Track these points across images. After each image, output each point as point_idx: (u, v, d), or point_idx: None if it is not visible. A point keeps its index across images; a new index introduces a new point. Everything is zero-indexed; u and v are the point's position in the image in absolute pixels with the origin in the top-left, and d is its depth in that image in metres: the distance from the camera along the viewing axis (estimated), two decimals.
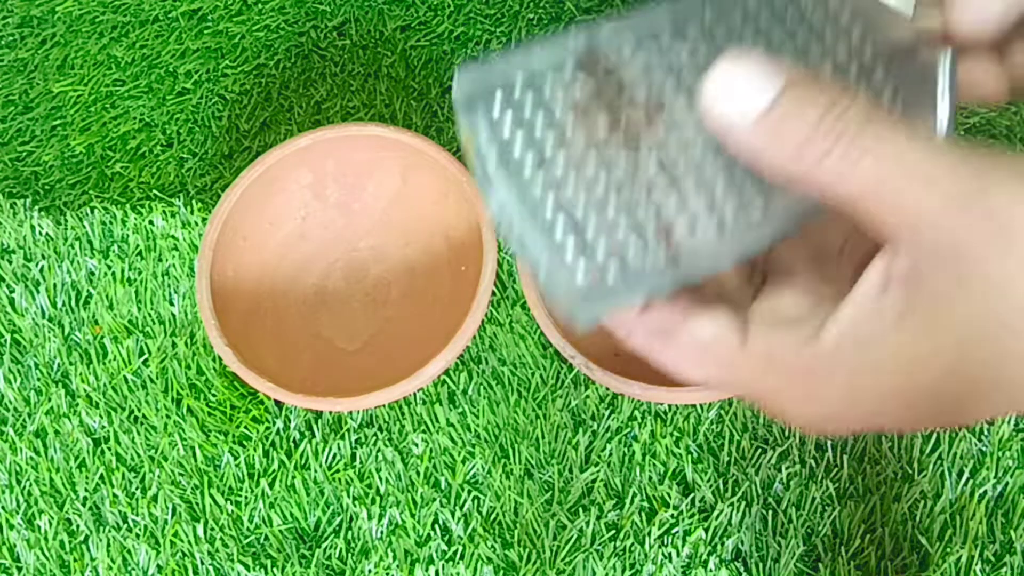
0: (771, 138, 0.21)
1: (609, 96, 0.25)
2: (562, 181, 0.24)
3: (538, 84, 0.25)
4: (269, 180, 0.55)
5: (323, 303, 0.58)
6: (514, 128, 0.25)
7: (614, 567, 0.49)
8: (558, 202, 0.24)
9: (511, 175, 0.24)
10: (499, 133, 0.24)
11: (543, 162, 0.24)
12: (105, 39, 0.70)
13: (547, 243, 0.24)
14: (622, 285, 0.24)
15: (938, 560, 0.47)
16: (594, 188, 0.24)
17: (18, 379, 0.57)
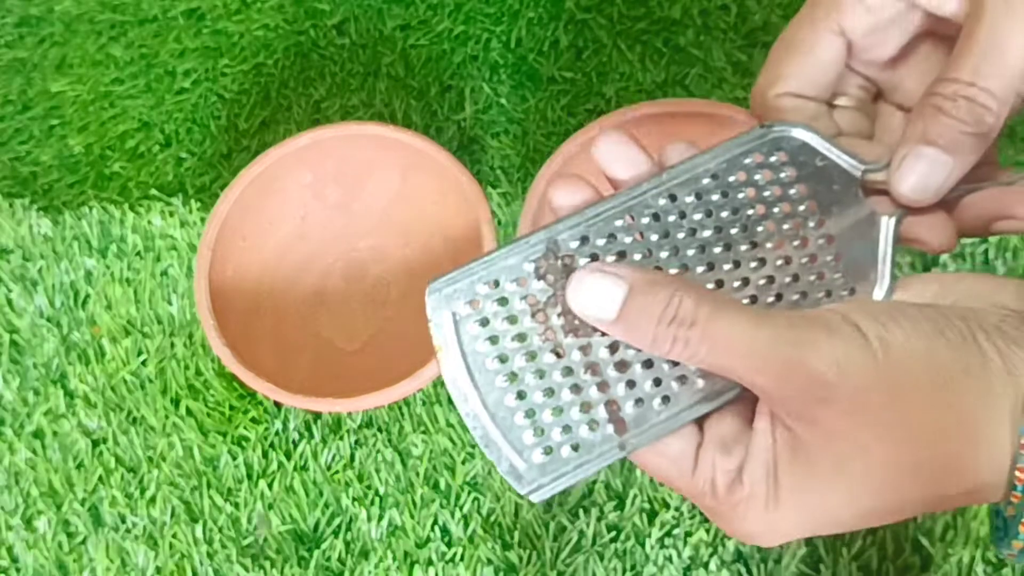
0: (630, 332, 0.27)
1: (565, 290, 0.28)
2: (521, 377, 0.28)
3: (499, 292, 0.29)
4: (268, 180, 0.55)
5: (322, 303, 0.57)
6: (478, 335, 0.29)
7: (615, 568, 0.49)
8: (517, 393, 0.28)
9: (476, 375, 0.29)
10: (465, 340, 0.29)
11: (504, 360, 0.28)
12: (103, 38, 0.70)
13: (507, 431, 0.28)
14: (574, 461, 0.28)
15: (940, 561, 0.47)
16: (548, 377, 0.28)
17: (16, 379, 0.57)
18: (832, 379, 0.24)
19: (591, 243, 0.29)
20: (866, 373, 0.24)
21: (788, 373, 0.25)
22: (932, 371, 0.25)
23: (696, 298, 0.26)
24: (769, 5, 0.64)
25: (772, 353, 0.25)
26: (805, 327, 0.25)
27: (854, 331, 0.25)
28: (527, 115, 0.63)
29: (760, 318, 0.25)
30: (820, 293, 0.30)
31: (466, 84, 0.65)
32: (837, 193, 0.30)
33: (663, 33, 0.64)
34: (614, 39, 0.65)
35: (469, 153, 0.62)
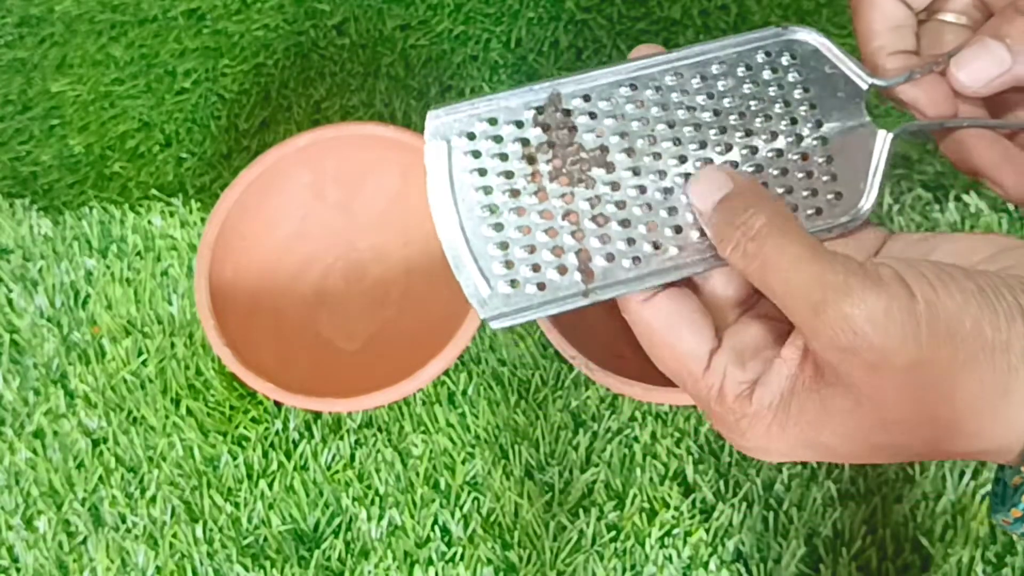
0: (713, 224, 0.29)
1: (560, 141, 0.30)
2: (501, 211, 0.30)
3: (496, 130, 0.30)
4: (268, 180, 0.55)
5: (323, 303, 0.58)
6: (467, 166, 0.30)
7: (615, 568, 0.49)
8: (495, 225, 0.29)
9: (459, 202, 0.30)
10: (455, 168, 0.30)
11: (487, 192, 0.30)
12: (103, 38, 0.70)
13: (479, 258, 0.29)
14: (538, 299, 0.29)
15: (939, 561, 0.47)
16: (527, 216, 0.30)
17: (16, 379, 0.57)
18: (865, 330, 0.24)
19: (592, 102, 0.30)
20: (905, 333, 0.24)
21: (821, 315, 0.25)
22: (973, 344, 0.24)
23: (769, 216, 0.27)
24: (769, 5, 0.64)
25: (812, 291, 0.25)
26: (855, 275, 0.25)
27: (904, 290, 0.25)
28: None
29: (816, 253, 0.26)
30: (805, 191, 0.30)
31: (466, 84, 0.65)
32: (840, 101, 0.31)
33: (663, 33, 0.64)
34: (614, 39, 0.65)
35: None
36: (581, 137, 0.30)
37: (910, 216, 0.55)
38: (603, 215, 0.30)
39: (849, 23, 0.63)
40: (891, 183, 0.56)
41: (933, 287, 0.25)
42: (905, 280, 0.25)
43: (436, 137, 0.30)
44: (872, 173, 0.30)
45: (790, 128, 0.31)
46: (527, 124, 0.30)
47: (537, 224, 0.30)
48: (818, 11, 0.63)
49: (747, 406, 0.27)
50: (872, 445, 0.26)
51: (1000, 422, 0.25)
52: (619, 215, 0.30)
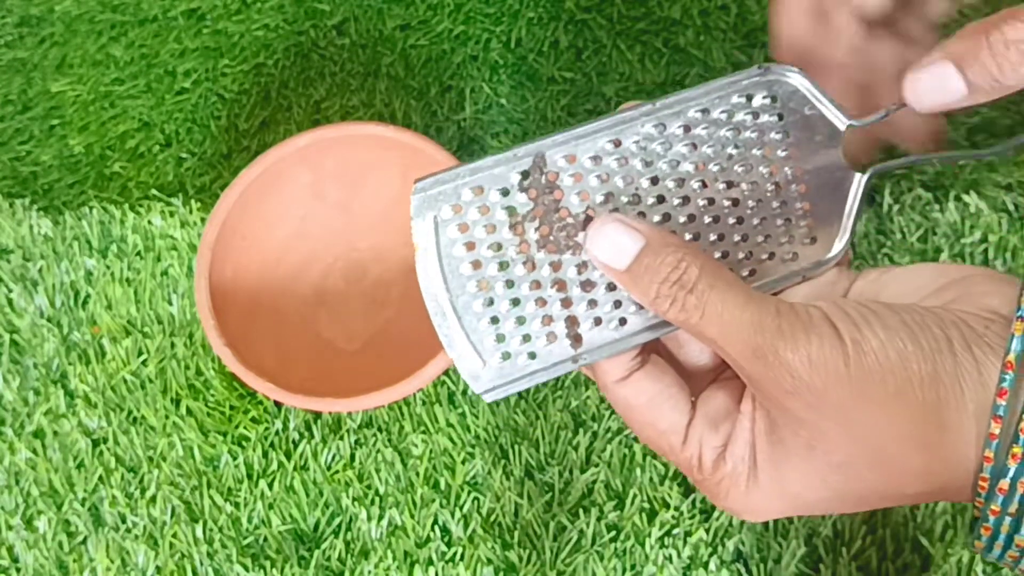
0: (635, 285, 0.28)
1: (547, 206, 0.30)
2: (491, 285, 0.30)
3: (482, 199, 0.30)
4: (268, 180, 0.55)
5: (323, 303, 0.58)
6: (456, 239, 0.30)
7: (615, 568, 0.49)
8: (486, 300, 0.30)
9: (449, 278, 0.30)
10: (443, 243, 0.30)
11: (477, 267, 0.30)
12: (104, 38, 0.70)
13: (471, 333, 0.30)
14: (530, 368, 0.30)
15: (939, 561, 0.47)
16: (517, 288, 0.30)
17: (16, 379, 0.57)
18: (800, 373, 0.25)
19: (577, 162, 0.30)
20: (835, 372, 0.25)
21: (761, 359, 0.26)
22: (899, 377, 0.25)
23: (700, 267, 0.27)
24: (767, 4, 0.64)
25: (751, 337, 0.26)
26: (788, 318, 0.26)
27: (831, 331, 0.26)
28: (527, 115, 0.63)
29: (750, 300, 0.26)
30: (783, 239, 0.31)
31: (466, 84, 0.65)
32: (818, 144, 0.31)
33: (663, 33, 0.64)
34: (614, 39, 0.65)
35: (469, 153, 0.62)
36: (568, 200, 0.30)
37: (910, 216, 0.55)
38: (590, 281, 0.30)
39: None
40: (891, 183, 0.56)
41: (857, 326, 0.26)
42: (832, 321, 0.26)
43: (422, 213, 0.30)
44: (847, 215, 0.31)
45: (770, 176, 0.31)
46: (513, 190, 0.30)
47: (527, 295, 0.30)
48: None
49: (723, 467, 0.28)
50: (834, 491, 0.27)
51: (943, 458, 0.26)
52: (605, 279, 0.30)
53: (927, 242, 0.54)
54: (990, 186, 0.56)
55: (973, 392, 0.25)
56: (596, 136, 0.30)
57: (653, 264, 0.28)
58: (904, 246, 0.54)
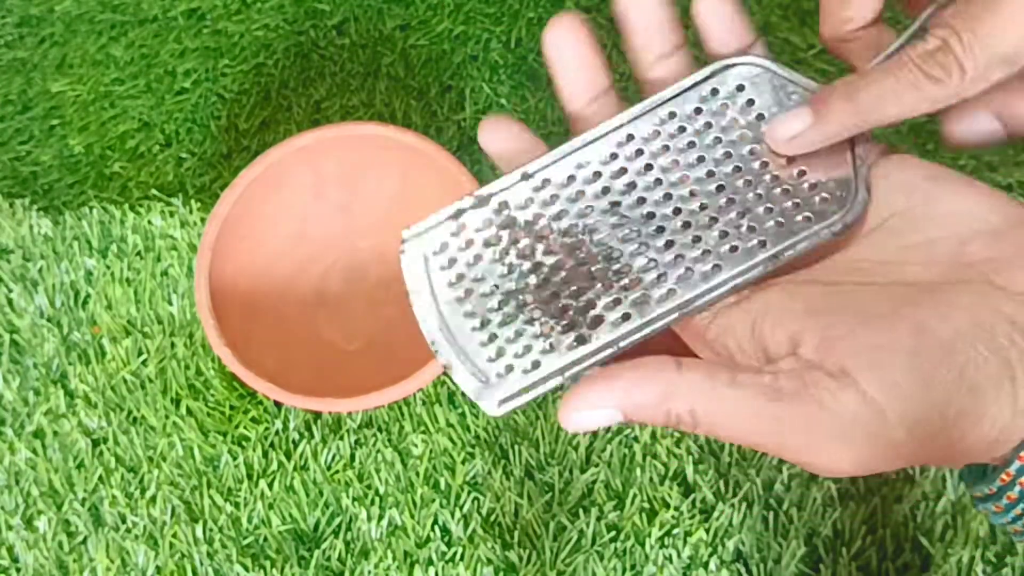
0: (643, 420, 0.28)
1: (518, 235, 0.32)
2: (483, 306, 0.31)
3: (465, 236, 0.32)
4: (268, 180, 0.55)
5: (323, 303, 0.58)
6: (446, 277, 0.32)
7: (615, 568, 0.49)
8: (479, 321, 0.31)
9: (443, 311, 0.32)
10: (434, 281, 0.32)
11: (469, 294, 0.31)
12: (104, 38, 0.70)
13: (472, 356, 0.31)
14: (531, 378, 0.30)
15: (939, 561, 0.47)
16: (510, 306, 0.31)
17: (16, 379, 0.57)
18: None
19: (553, 184, 0.32)
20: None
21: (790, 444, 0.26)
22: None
23: (690, 404, 0.27)
24: (769, 5, 0.64)
25: (774, 428, 0.26)
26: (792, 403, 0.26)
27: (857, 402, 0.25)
28: (527, 115, 0.63)
29: (744, 392, 0.26)
30: (788, 204, 0.30)
31: (466, 84, 0.65)
32: None
33: None
34: (614, 39, 0.64)
35: (469, 153, 0.62)
36: (554, 223, 0.32)
37: None
38: (582, 287, 0.31)
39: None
40: None
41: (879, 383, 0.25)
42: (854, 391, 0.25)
43: (412, 259, 0.33)
44: (853, 173, 0.30)
45: (755, 155, 0.31)
46: (492, 224, 0.32)
47: (520, 310, 0.31)
48: (818, 11, 0.63)
49: None
50: None
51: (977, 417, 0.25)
52: (598, 282, 0.31)
53: None
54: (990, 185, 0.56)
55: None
56: (567, 158, 0.32)
57: (645, 419, 0.28)
58: None
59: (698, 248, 0.30)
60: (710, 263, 0.30)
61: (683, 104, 0.32)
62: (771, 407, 0.25)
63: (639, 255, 0.30)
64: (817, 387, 0.25)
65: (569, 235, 0.31)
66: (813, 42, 0.61)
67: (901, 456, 0.25)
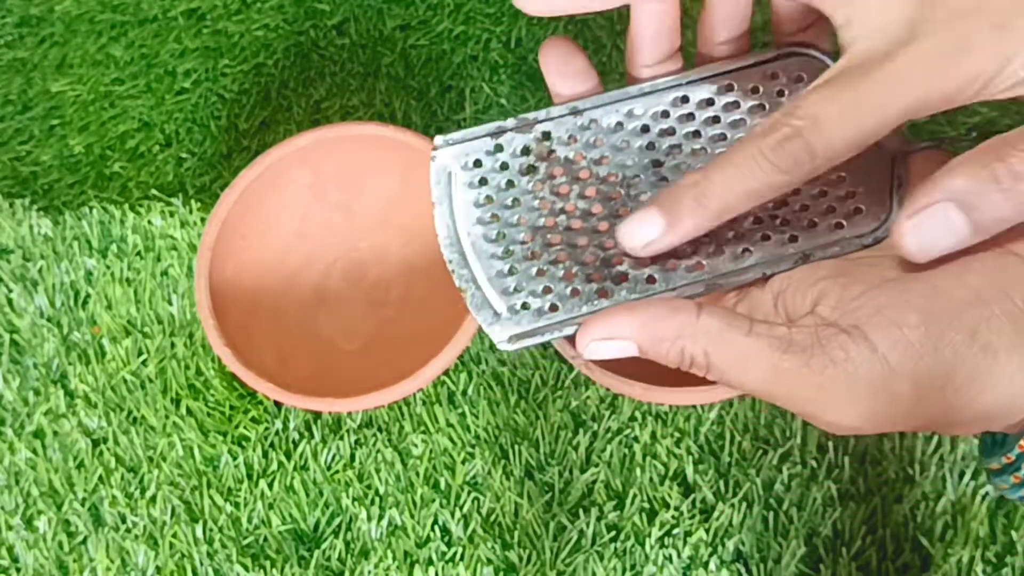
0: (656, 356, 0.28)
1: (563, 166, 0.30)
2: (507, 232, 0.30)
3: (499, 157, 0.30)
4: (268, 180, 0.55)
5: (323, 303, 0.58)
6: (471, 194, 0.30)
7: (615, 568, 0.49)
8: (502, 250, 0.30)
9: (463, 230, 0.30)
10: (457, 196, 0.30)
11: (494, 218, 0.30)
12: (103, 38, 0.70)
13: (486, 283, 0.30)
14: (551, 320, 0.29)
15: (939, 561, 0.47)
16: (537, 242, 0.30)
17: (16, 379, 0.57)
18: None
19: (599, 126, 0.30)
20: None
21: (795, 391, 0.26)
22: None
23: (704, 347, 0.27)
24: (769, 5, 0.64)
25: (779, 388, 0.26)
26: (808, 352, 0.26)
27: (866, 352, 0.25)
28: None
29: (758, 342, 0.26)
30: (823, 207, 0.30)
31: (466, 84, 0.65)
32: None
33: None
34: (614, 39, 0.65)
35: None
36: (594, 167, 0.31)
37: None
38: (610, 237, 0.30)
39: None
40: None
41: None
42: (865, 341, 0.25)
43: (439, 170, 0.30)
44: (891, 190, 0.30)
45: None
46: (531, 151, 0.31)
47: (547, 249, 0.30)
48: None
49: None
50: None
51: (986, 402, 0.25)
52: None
53: None
54: None
55: None
56: (620, 104, 0.31)
57: (658, 356, 0.28)
58: None
59: (731, 230, 0.30)
60: (741, 246, 0.30)
61: (743, 80, 0.31)
62: (783, 358, 0.26)
63: None
64: (830, 342, 0.25)
65: (607, 183, 0.30)
66: None
67: (910, 415, 0.25)
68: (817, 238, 0.30)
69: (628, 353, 0.28)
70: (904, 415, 0.25)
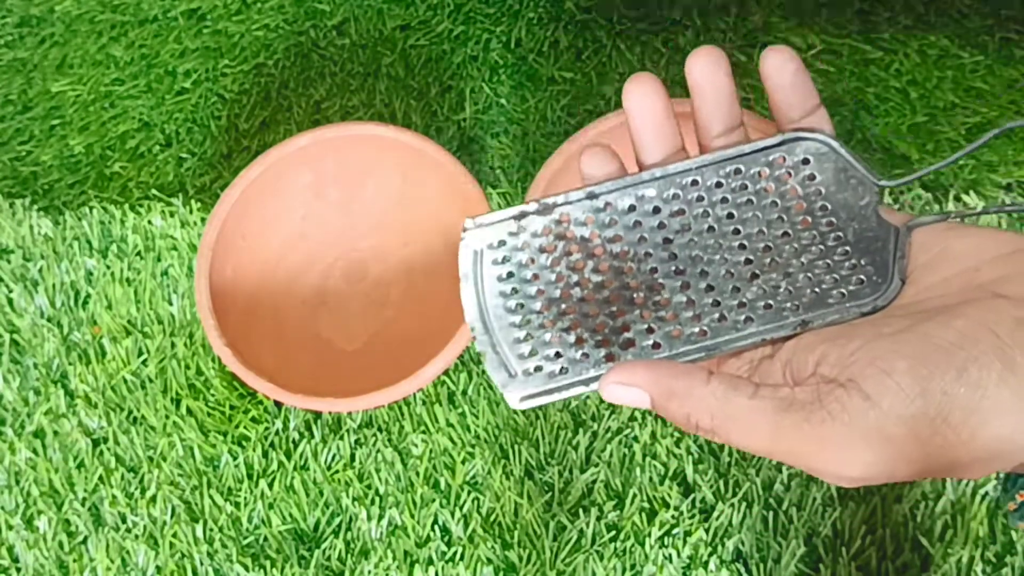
0: (666, 413, 0.29)
1: (572, 248, 0.33)
2: (526, 302, 0.33)
3: (523, 238, 0.33)
4: (268, 180, 0.55)
5: (323, 303, 0.58)
6: (495, 270, 0.33)
7: (614, 568, 0.49)
8: (520, 319, 0.32)
9: (488, 302, 0.33)
10: (484, 271, 0.33)
11: (513, 291, 0.33)
12: (104, 39, 0.70)
13: (502, 347, 0.32)
14: (560, 382, 0.31)
15: (939, 560, 0.47)
16: (548, 309, 0.32)
17: (17, 379, 0.57)
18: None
19: (613, 209, 0.33)
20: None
21: (778, 450, 0.27)
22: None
23: (711, 413, 0.28)
24: (768, 5, 0.64)
25: (783, 446, 0.27)
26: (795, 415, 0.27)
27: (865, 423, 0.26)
28: (527, 115, 0.63)
29: (762, 404, 0.27)
30: (830, 278, 0.32)
31: (466, 84, 0.65)
32: (853, 199, 0.33)
33: (663, 33, 0.64)
34: (614, 39, 0.65)
35: (469, 153, 0.62)
36: (608, 244, 0.33)
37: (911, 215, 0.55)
38: (621, 308, 0.32)
39: (849, 23, 0.63)
40: None
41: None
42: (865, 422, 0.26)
43: (468, 247, 0.33)
44: (892, 262, 0.32)
45: (807, 226, 0.32)
46: (552, 232, 0.33)
47: (560, 317, 0.32)
48: (818, 11, 0.63)
49: None
50: None
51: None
52: (636, 306, 0.32)
53: None
54: (989, 186, 0.56)
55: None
56: (634, 188, 0.33)
57: (668, 414, 0.29)
58: None
59: (736, 298, 0.32)
60: (744, 314, 0.32)
61: (750, 164, 0.34)
62: (785, 417, 0.27)
63: (680, 292, 0.32)
64: (829, 397, 0.27)
65: (619, 259, 0.33)
66: (813, 42, 0.61)
67: (912, 459, 0.26)
68: (818, 307, 0.32)
69: (641, 404, 0.30)
70: (906, 459, 0.26)
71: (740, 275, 0.32)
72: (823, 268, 0.32)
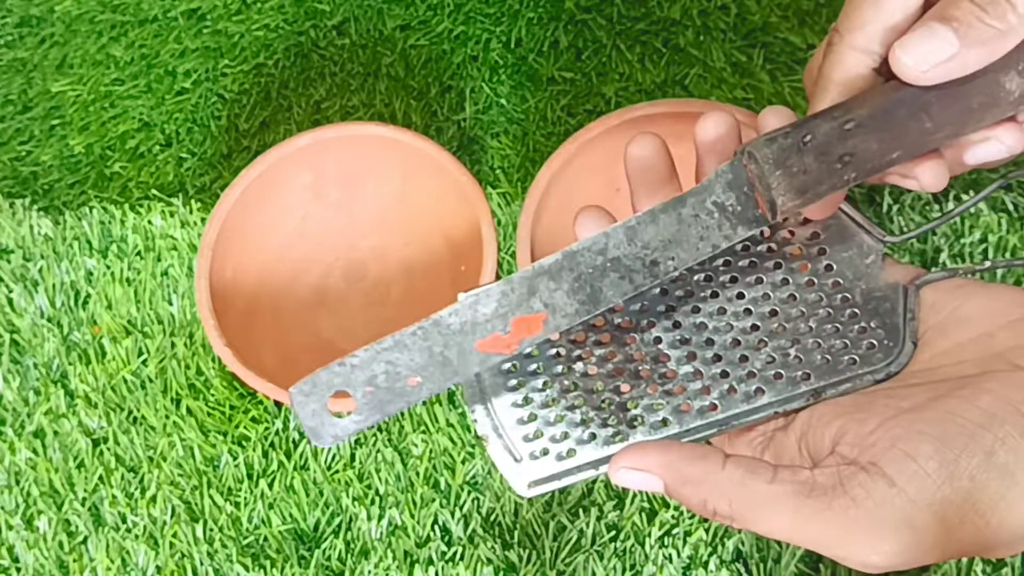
0: (680, 499, 0.28)
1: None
2: (527, 381, 0.32)
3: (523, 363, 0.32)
4: (268, 180, 0.55)
5: (323, 303, 0.58)
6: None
7: (614, 568, 0.49)
8: (522, 397, 0.31)
9: (486, 377, 0.32)
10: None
11: (514, 368, 0.32)
12: (104, 38, 0.70)
13: (506, 428, 0.31)
14: (565, 466, 0.31)
15: None
16: (551, 387, 0.32)
17: (17, 379, 0.57)
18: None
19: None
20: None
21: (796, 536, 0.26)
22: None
23: (728, 499, 0.27)
24: (769, 5, 0.64)
25: (806, 533, 0.26)
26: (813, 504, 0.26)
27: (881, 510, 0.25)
28: (527, 115, 0.63)
29: (782, 489, 0.26)
30: (838, 344, 0.31)
31: (466, 84, 0.65)
32: (858, 259, 0.32)
33: (663, 33, 0.64)
34: (614, 39, 0.65)
35: (469, 153, 0.62)
36: (608, 315, 0.32)
37: (910, 216, 0.55)
38: (625, 381, 0.31)
39: None
40: (890, 184, 0.56)
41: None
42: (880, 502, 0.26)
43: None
44: (903, 324, 0.30)
45: (814, 290, 0.32)
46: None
47: (564, 392, 0.31)
48: (818, 11, 0.63)
49: None
50: None
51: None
52: (638, 389, 0.32)
53: (927, 242, 0.54)
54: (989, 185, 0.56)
55: None
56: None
57: (683, 499, 0.28)
58: (903, 246, 0.54)
59: (744, 368, 0.31)
60: (754, 385, 0.30)
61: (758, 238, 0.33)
62: (806, 503, 0.26)
63: (686, 363, 0.31)
64: (850, 481, 0.26)
65: (622, 329, 0.32)
66: (813, 42, 0.61)
67: (935, 545, 0.25)
68: (829, 375, 0.30)
69: (654, 488, 0.28)
70: (934, 545, 0.25)
71: (747, 343, 0.31)
72: (832, 331, 0.31)
